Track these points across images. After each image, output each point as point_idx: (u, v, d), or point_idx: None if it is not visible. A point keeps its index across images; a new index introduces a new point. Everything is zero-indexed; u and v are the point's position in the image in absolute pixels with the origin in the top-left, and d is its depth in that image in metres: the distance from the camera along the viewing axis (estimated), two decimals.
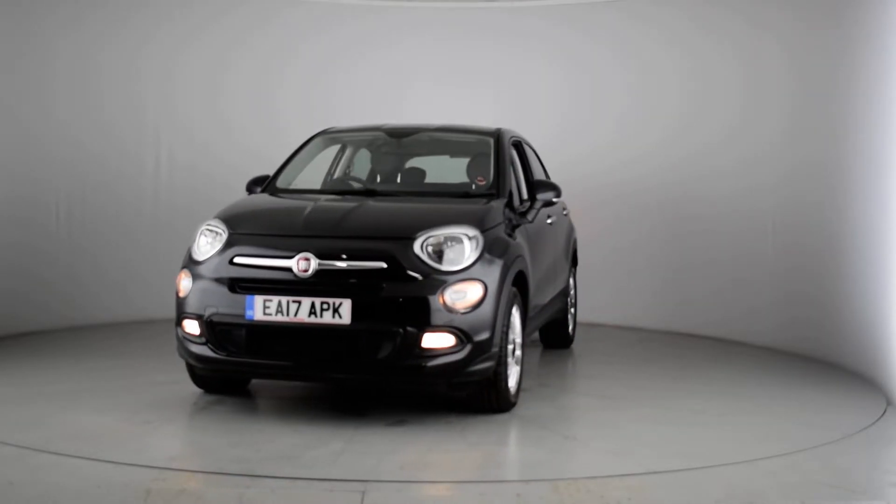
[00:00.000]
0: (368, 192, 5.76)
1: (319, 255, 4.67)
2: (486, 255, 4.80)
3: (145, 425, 4.77)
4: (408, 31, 8.83)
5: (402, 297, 4.58)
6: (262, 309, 4.67)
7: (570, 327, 7.30)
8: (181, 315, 4.97)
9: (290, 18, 8.63)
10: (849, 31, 6.57)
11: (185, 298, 4.95)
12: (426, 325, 4.56)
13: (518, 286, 5.19)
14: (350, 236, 4.82)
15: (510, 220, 5.33)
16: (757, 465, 4.29)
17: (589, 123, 8.51)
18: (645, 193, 8.27)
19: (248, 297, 4.71)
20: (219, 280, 4.83)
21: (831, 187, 6.76)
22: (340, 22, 8.72)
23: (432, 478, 4.04)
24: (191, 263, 5.01)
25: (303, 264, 4.66)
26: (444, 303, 4.59)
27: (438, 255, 4.69)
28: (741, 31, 7.73)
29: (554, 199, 5.91)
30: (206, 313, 4.81)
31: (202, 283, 4.88)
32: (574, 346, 7.39)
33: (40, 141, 7.58)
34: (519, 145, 6.34)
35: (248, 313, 4.70)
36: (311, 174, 6.15)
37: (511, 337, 5.02)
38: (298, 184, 5.92)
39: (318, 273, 4.64)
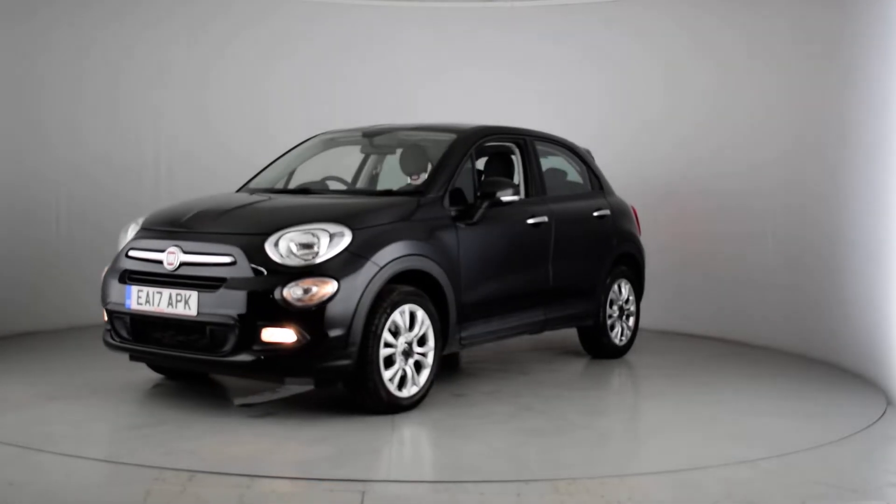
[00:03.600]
0: (303, 191, 5.83)
1: (184, 250, 4.89)
2: (352, 252, 4.79)
3: (48, 400, 5.21)
4: (406, 30, 8.83)
5: (242, 291, 4.67)
6: (136, 299, 4.99)
7: (620, 336, 6.92)
8: (102, 304, 5.31)
9: (292, 18, 8.62)
10: (852, 30, 6.58)
11: (101, 289, 5.29)
12: (265, 319, 4.63)
13: (431, 288, 5.19)
14: (215, 232, 4.98)
15: (433, 218, 5.28)
16: (757, 465, 4.29)
17: (608, 125, 8.46)
18: (645, 192, 8.26)
19: (127, 287, 5.04)
20: (117, 271, 5.18)
21: (832, 187, 6.76)
22: (343, 22, 8.71)
23: (189, 467, 4.01)
24: (115, 255, 5.36)
25: (170, 258, 4.91)
26: (285, 298, 4.61)
27: (295, 251, 4.72)
28: (754, 29, 7.71)
29: (504, 199, 5.61)
30: (107, 302, 5.18)
31: (110, 275, 5.23)
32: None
33: (38, 147, 7.58)
34: (524, 145, 6.25)
35: (127, 302, 5.03)
36: (320, 174, 6.26)
37: (402, 339, 4.97)
38: (287, 183, 6.09)
39: (182, 266, 4.87)
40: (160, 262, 4.95)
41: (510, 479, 3.97)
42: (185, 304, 4.78)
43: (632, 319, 7.09)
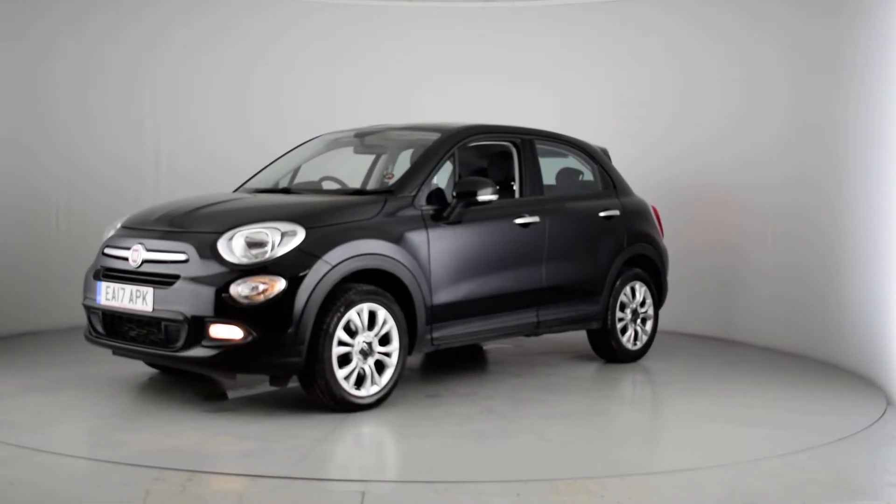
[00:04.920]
0: (284, 191, 5.94)
1: (147, 248, 5.05)
2: (303, 251, 4.85)
3: (28, 391, 5.45)
4: (408, 30, 8.81)
5: (192, 288, 4.79)
6: (105, 295, 5.16)
7: (633, 340, 6.73)
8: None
9: (293, 19, 8.61)
10: (852, 28, 6.58)
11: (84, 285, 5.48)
12: (212, 316, 4.72)
13: (394, 288, 5.19)
14: (175, 230, 5.11)
15: (400, 217, 5.28)
16: (757, 465, 4.29)
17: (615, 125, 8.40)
18: (651, 194, 8.24)
19: (98, 283, 5.23)
20: (94, 268, 5.38)
21: (832, 187, 6.76)
22: (348, 22, 8.69)
23: (118, 459, 4.13)
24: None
25: (134, 255, 5.08)
26: (232, 296, 4.69)
27: (246, 249, 4.82)
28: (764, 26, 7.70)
29: (480, 199, 5.53)
30: (84, 297, 5.39)
31: (90, 271, 5.42)
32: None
33: (39, 150, 7.60)
34: (520, 144, 6.19)
35: (98, 298, 5.21)
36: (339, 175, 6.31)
37: (359, 338, 4.97)
38: (281, 184, 6.19)
39: (144, 264, 5.03)
40: (127, 260, 5.11)
41: (508, 479, 3.98)
42: (142, 300, 4.93)
43: (649, 323, 6.88)
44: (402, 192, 5.44)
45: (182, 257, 4.89)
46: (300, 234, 4.88)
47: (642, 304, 6.84)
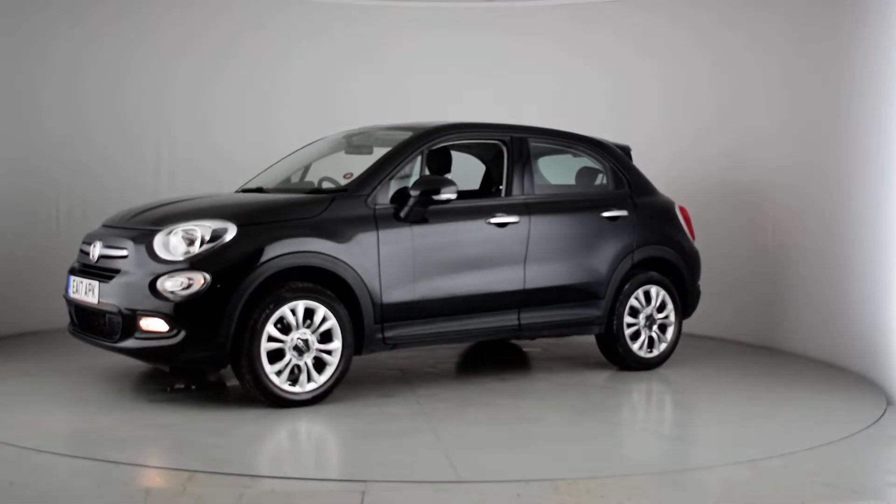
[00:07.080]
0: (258, 190, 6.03)
1: (104, 244, 5.30)
2: (232, 248, 4.96)
3: (20, 375, 5.83)
4: (410, 31, 8.81)
5: (126, 282, 5.01)
6: (72, 288, 5.45)
7: (647, 347, 6.43)
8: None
9: (295, 21, 8.59)
10: (853, 29, 6.58)
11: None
12: (140, 309, 4.92)
13: (340, 287, 5.20)
14: (123, 227, 5.38)
15: (347, 216, 5.27)
16: (757, 465, 4.29)
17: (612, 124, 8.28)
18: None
19: (69, 277, 5.50)
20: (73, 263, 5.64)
21: (832, 187, 6.76)
22: (351, 23, 8.67)
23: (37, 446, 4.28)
24: None
25: (93, 251, 5.35)
26: (159, 290, 4.87)
27: (178, 246, 4.98)
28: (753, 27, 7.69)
29: (438, 197, 5.46)
30: (64, 291, 5.59)
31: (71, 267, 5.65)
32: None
33: (39, 151, 7.61)
34: (510, 143, 6.05)
35: (69, 291, 5.49)
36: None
37: (293, 335, 5.00)
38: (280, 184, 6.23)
39: (100, 259, 5.28)
40: (89, 255, 5.38)
41: (510, 479, 3.98)
42: (92, 293, 5.17)
43: (669, 330, 6.53)
44: (356, 191, 5.43)
45: (123, 253, 5.12)
46: (231, 232, 4.99)
47: (660, 309, 6.50)
